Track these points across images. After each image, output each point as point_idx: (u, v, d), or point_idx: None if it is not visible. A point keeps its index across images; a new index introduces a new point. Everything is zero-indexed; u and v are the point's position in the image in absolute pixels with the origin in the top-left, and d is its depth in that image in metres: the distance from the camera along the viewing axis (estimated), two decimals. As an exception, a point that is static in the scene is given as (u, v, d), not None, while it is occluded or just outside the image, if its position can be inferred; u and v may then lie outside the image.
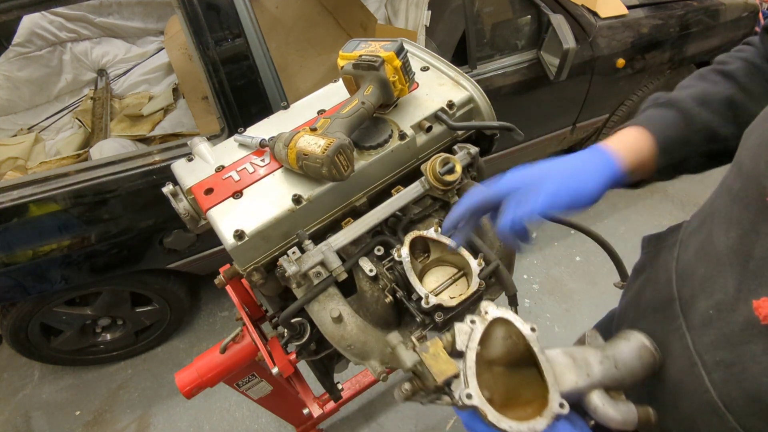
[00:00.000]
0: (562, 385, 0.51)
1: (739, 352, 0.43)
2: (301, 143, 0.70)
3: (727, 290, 0.45)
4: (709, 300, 0.48)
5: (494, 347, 0.55)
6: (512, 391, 0.52)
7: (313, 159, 0.68)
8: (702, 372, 0.48)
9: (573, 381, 0.52)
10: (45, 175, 1.35)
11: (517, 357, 0.55)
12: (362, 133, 0.79)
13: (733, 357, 0.44)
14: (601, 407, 0.52)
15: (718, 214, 0.49)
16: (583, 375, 0.52)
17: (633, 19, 2.02)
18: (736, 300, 0.44)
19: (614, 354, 0.55)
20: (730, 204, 0.48)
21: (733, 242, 0.45)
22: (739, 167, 0.47)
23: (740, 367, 0.43)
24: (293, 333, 0.77)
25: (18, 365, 2.08)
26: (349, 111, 0.73)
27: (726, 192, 0.50)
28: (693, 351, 0.49)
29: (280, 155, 0.74)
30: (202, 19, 1.28)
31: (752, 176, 0.44)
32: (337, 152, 0.67)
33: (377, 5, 2.62)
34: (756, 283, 0.42)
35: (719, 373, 0.46)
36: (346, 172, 0.70)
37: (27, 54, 2.41)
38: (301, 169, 0.72)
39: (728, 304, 0.45)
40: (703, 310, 0.49)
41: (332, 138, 0.68)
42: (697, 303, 0.50)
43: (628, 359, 0.54)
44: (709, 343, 0.47)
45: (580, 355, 0.54)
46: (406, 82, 0.80)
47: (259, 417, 1.82)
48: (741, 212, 0.45)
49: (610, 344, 0.56)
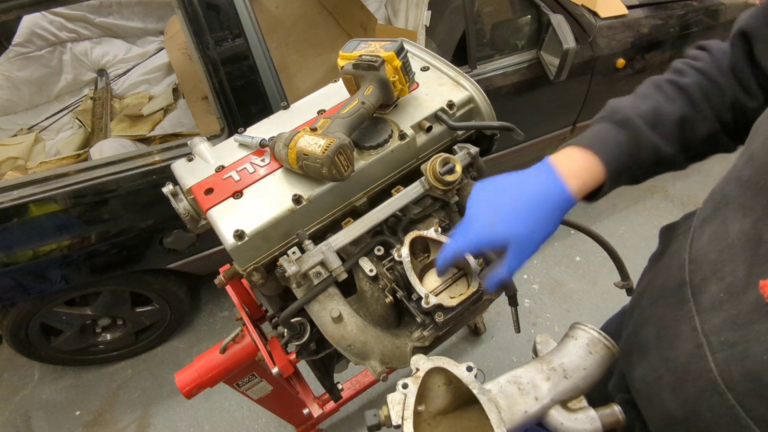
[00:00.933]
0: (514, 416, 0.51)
1: (744, 332, 0.45)
2: (301, 143, 0.70)
3: (737, 273, 0.47)
4: (720, 284, 0.49)
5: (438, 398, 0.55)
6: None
7: (313, 159, 0.68)
8: (707, 353, 0.49)
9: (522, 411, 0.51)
10: (45, 175, 1.35)
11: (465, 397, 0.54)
12: (362, 133, 0.79)
13: (737, 337, 0.45)
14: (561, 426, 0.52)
15: (732, 202, 0.50)
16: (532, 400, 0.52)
17: (633, 19, 2.02)
18: (746, 283, 0.45)
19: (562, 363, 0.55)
20: (741, 191, 0.49)
21: (747, 227, 0.46)
22: (750, 155, 0.48)
23: (743, 347, 0.44)
24: (293, 333, 0.77)
25: (18, 365, 2.08)
26: (349, 111, 0.73)
27: (736, 180, 0.51)
28: (700, 333, 0.50)
29: (280, 155, 0.74)
30: (202, 19, 1.28)
31: (764, 164, 0.45)
32: (337, 152, 0.67)
33: (377, 5, 2.62)
34: (766, 266, 0.43)
35: (723, 353, 0.47)
36: (346, 172, 0.70)
37: (27, 54, 2.41)
38: (302, 169, 0.72)
39: (738, 286, 0.46)
40: (714, 294, 0.49)
41: (332, 138, 0.68)
42: (708, 287, 0.51)
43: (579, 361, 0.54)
44: (716, 324, 0.48)
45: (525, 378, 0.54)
46: (406, 82, 0.80)
47: (259, 417, 1.82)
48: (754, 199, 0.46)
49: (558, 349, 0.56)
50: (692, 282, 0.54)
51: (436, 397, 0.55)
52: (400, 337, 0.73)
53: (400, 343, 0.72)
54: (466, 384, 0.53)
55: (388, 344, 0.71)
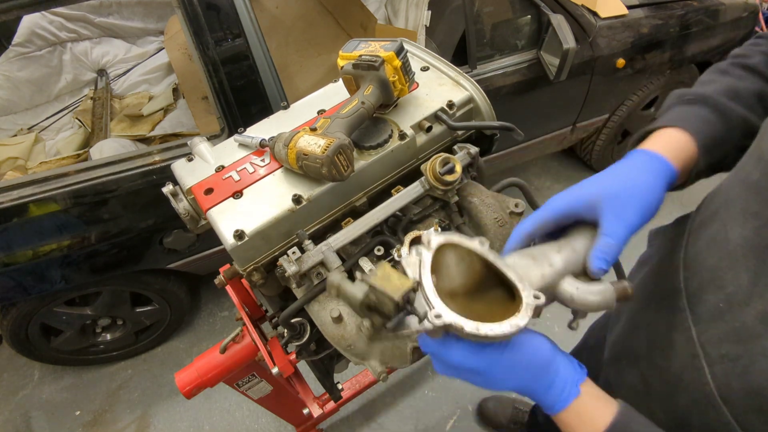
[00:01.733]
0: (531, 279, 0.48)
1: (749, 346, 0.42)
2: (301, 143, 0.70)
3: (740, 283, 0.44)
4: (719, 293, 0.46)
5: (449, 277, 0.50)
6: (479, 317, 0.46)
7: (312, 159, 0.68)
8: (704, 365, 0.47)
9: (539, 275, 0.49)
10: (45, 175, 1.35)
11: (477, 280, 0.50)
12: (362, 133, 0.79)
13: (741, 351, 0.43)
14: (577, 293, 0.49)
15: (733, 205, 0.48)
16: (547, 267, 0.49)
17: (633, 19, 2.02)
18: (750, 294, 0.43)
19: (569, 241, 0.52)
20: (746, 195, 0.46)
21: (750, 234, 0.44)
22: (759, 157, 0.45)
23: (747, 361, 0.42)
24: (293, 333, 0.77)
25: (18, 365, 2.08)
26: (349, 111, 0.73)
27: (741, 182, 0.48)
28: (697, 344, 0.48)
29: (280, 155, 0.74)
30: (202, 19, 1.28)
31: None
32: (337, 152, 0.67)
33: (377, 5, 2.62)
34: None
35: (722, 366, 0.45)
36: (346, 172, 0.70)
37: (27, 54, 2.41)
38: (301, 169, 0.72)
39: (741, 297, 0.44)
40: (712, 304, 0.47)
41: (332, 138, 0.68)
42: (705, 295, 0.48)
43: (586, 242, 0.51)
44: (716, 336, 0.46)
45: (537, 252, 0.52)
46: (406, 82, 0.80)
47: (259, 417, 1.82)
48: (760, 204, 0.43)
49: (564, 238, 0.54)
50: (688, 289, 0.51)
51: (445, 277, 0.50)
52: (400, 337, 0.73)
53: (400, 343, 0.72)
54: (482, 255, 0.49)
55: (388, 344, 0.71)
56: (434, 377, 1.90)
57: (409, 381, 1.89)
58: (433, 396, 1.85)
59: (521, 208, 0.80)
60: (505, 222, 0.79)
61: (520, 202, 0.80)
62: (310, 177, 0.74)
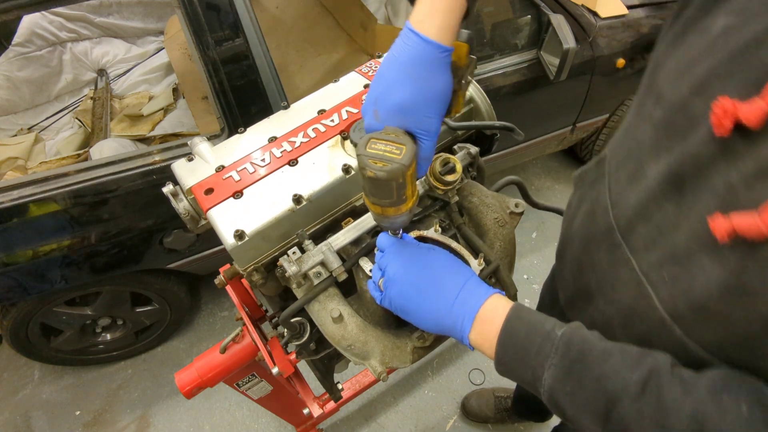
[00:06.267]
0: None
1: (686, 265, 0.44)
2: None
3: (665, 213, 0.46)
4: (648, 224, 0.49)
5: None
6: None
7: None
8: (650, 291, 0.49)
9: None
10: (45, 175, 1.35)
11: None
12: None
13: (679, 271, 0.45)
14: None
15: (644, 144, 0.50)
16: None
17: (633, 19, 2.02)
18: (677, 219, 0.44)
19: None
20: (654, 133, 0.48)
21: (664, 169, 0.46)
22: (658, 95, 0.47)
23: (688, 279, 0.44)
24: (293, 333, 0.77)
25: (18, 365, 2.08)
26: None
27: (645, 120, 0.50)
28: (639, 272, 0.50)
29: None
30: (202, 19, 1.28)
31: (677, 104, 0.44)
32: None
33: (377, 5, 2.62)
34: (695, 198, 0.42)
35: (666, 288, 0.47)
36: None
37: (27, 54, 2.41)
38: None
39: (669, 224, 0.46)
40: (644, 234, 0.50)
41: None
42: (636, 228, 0.51)
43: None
44: (654, 262, 0.48)
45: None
46: None
47: (259, 417, 1.83)
48: (669, 140, 0.45)
49: None
50: (619, 226, 0.54)
51: None
52: (400, 337, 0.73)
53: (401, 343, 0.72)
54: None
55: (388, 344, 0.71)
56: (434, 377, 1.90)
57: (409, 381, 1.89)
58: (433, 396, 1.85)
59: (521, 208, 0.80)
60: (505, 222, 0.79)
61: (521, 202, 0.80)
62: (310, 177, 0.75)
